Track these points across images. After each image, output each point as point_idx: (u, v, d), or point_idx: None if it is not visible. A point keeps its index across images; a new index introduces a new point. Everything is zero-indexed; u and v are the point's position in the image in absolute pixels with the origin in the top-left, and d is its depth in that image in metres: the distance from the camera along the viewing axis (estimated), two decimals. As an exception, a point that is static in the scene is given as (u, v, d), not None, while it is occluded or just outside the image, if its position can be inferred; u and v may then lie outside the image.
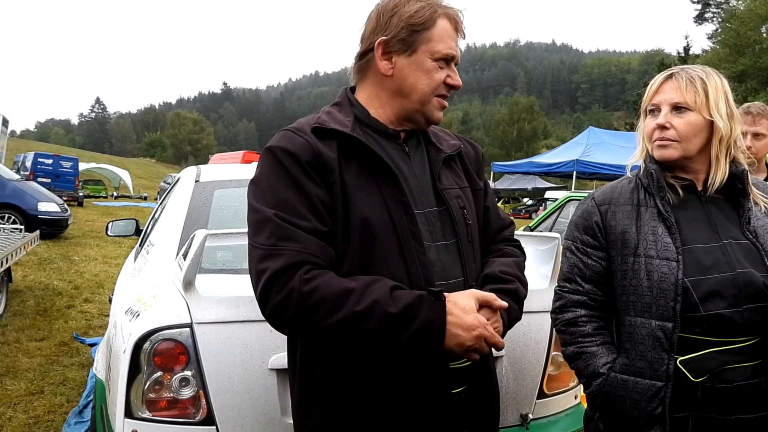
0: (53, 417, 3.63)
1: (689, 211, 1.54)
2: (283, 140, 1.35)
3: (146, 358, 1.72)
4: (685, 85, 1.51)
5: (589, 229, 1.62)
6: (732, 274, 1.45)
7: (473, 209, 1.51)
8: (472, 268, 1.44)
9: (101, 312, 6.29)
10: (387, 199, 1.33)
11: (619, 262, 1.55)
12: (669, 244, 1.48)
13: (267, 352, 1.77)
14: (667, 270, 1.46)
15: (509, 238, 1.62)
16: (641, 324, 1.49)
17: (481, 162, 1.65)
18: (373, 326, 1.20)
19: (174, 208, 2.70)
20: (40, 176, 21.61)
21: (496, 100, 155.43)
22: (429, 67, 1.38)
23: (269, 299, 1.23)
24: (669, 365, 1.45)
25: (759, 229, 1.52)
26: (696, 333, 1.46)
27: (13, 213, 11.00)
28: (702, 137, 1.52)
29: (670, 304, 1.44)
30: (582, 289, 1.61)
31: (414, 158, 1.45)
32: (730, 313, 1.43)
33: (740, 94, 28.30)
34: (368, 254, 1.30)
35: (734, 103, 1.55)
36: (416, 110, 1.41)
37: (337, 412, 1.33)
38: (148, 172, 64.44)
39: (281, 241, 1.24)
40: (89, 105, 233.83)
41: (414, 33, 1.36)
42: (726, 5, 35.89)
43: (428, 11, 1.36)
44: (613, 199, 1.61)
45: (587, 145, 17.34)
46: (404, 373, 1.31)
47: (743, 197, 1.55)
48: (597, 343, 1.56)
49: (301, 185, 1.29)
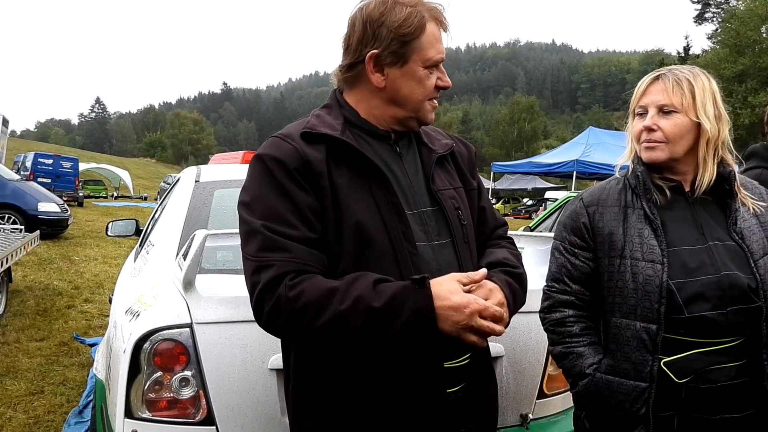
0: (53, 417, 3.63)
1: (676, 212, 1.55)
2: (271, 147, 1.35)
3: (146, 358, 1.72)
4: (672, 87, 1.51)
5: (576, 230, 1.63)
6: (717, 276, 1.46)
7: (468, 209, 1.51)
8: (469, 268, 1.43)
9: (101, 312, 6.29)
10: (378, 201, 1.33)
11: (606, 263, 1.56)
12: (654, 247, 1.49)
13: (267, 352, 1.77)
14: (652, 272, 1.47)
15: (503, 236, 1.63)
16: (626, 325, 1.50)
17: (474, 161, 1.64)
18: (359, 322, 1.20)
19: (174, 209, 2.70)
20: (40, 176, 21.62)
21: (496, 100, 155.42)
22: (421, 76, 1.36)
23: (263, 309, 1.25)
24: (653, 366, 1.47)
25: (745, 230, 1.53)
26: (681, 334, 1.47)
27: (13, 213, 11.00)
28: (689, 139, 1.52)
29: (655, 307, 1.46)
30: (570, 289, 1.62)
31: (406, 158, 1.45)
32: (714, 315, 1.44)
33: (740, 94, 28.28)
34: (362, 257, 1.30)
35: (722, 103, 1.56)
36: (409, 117, 1.41)
37: (333, 413, 1.33)
38: (148, 172, 64.44)
39: (270, 252, 1.25)
40: (89, 105, 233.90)
41: (405, 44, 1.33)
42: (726, 5, 35.88)
43: (416, 19, 1.33)
44: (601, 201, 1.62)
45: (587, 145, 17.35)
46: (399, 373, 1.31)
47: (730, 198, 1.55)
48: (584, 343, 1.58)
49: (289, 193, 1.29)
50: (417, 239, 1.35)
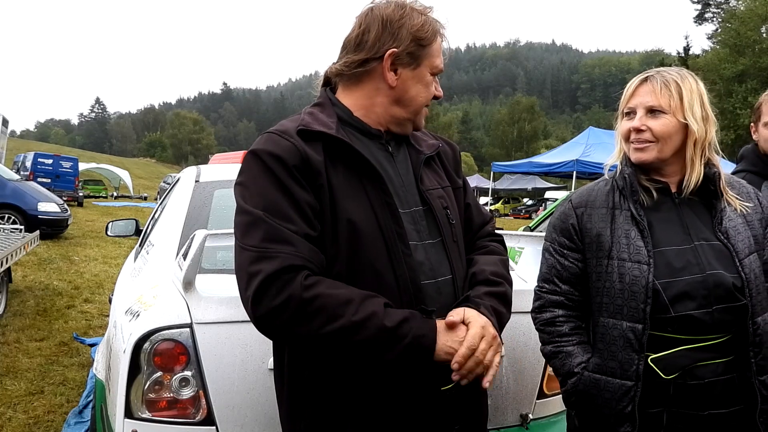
0: (53, 417, 3.63)
1: (663, 213, 1.57)
2: (268, 143, 1.33)
3: (146, 358, 1.72)
4: (660, 88, 1.54)
5: (565, 231, 1.66)
6: (702, 275, 1.48)
7: (456, 208, 1.53)
8: (459, 266, 1.46)
9: (101, 312, 6.29)
10: (373, 201, 1.34)
11: (594, 264, 1.60)
12: (641, 248, 1.52)
13: (267, 352, 1.77)
14: (638, 273, 1.50)
15: (491, 233, 1.64)
16: (613, 325, 1.53)
17: (459, 160, 1.67)
18: (368, 336, 1.21)
19: (174, 208, 2.70)
20: (40, 176, 21.60)
21: (496, 100, 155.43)
22: (428, 81, 1.43)
23: (263, 302, 1.21)
24: (639, 365, 1.49)
25: (730, 229, 1.54)
26: (668, 331, 1.49)
27: (13, 213, 10.99)
28: (677, 140, 1.54)
29: (641, 306, 1.48)
30: (559, 289, 1.65)
31: (398, 158, 1.46)
32: (699, 314, 1.46)
33: (740, 94, 28.31)
34: (356, 257, 1.31)
35: (710, 105, 1.57)
36: (408, 119, 1.45)
37: (328, 415, 1.33)
38: (148, 172, 64.45)
39: (274, 243, 1.23)
40: (89, 105, 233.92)
41: (420, 48, 1.39)
42: (726, 5, 35.91)
43: (430, 26, 1.40)
44: (589, 202, 1.65)
45: (587, 145, 17.31)
46: (392, 372, 1.31)
47: (716, 199, 1.57)
48: (573, 342, 1.61)
49: (289, 190, 1.28)
50: (410, 239, 1.36)
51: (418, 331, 1.24)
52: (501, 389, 2.00)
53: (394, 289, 1.31)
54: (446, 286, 1.40)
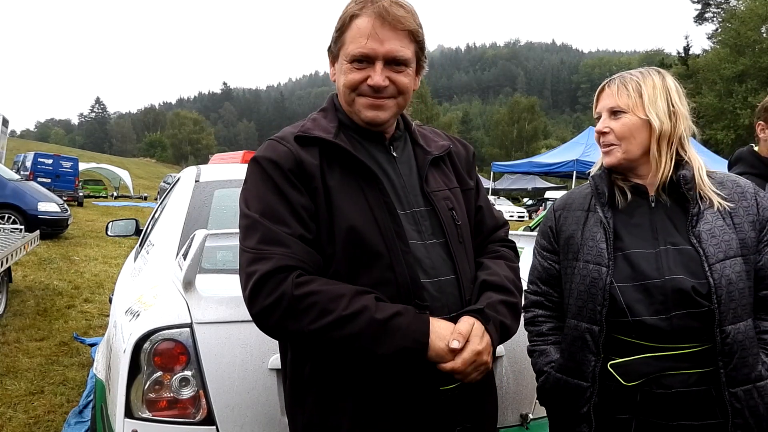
0: (53, 417, 3.63)
1: (635, 217, 1.55)
2: (267, 150, 1.39)
3: (146, 358, 1.72)
4: (617, 89, 1.55)
5: (545, 233, 1.70)
6: (660, 280, 1.45)
7: (463, 209, 1.52)
8: (465, 268, 1.44)
9: (101, 312, 6.29)
10: (371, 202, 1.35)
11: (565, 266, 1.62)
12: (603, 250, 1.52)
13: (267, 352, 1.77)
14: (597, 275, 1.51)
15: (504, 238, 1.63)
16: (574, 326, 1.56)
17: (473, 162, 1.66)
18: (359, 329, 1.22)
19: (174, 208, 2.70)
20: (40, 176, 21.61)
21: (496, 100, 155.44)
22: (345, 69, 1.39)
23: (257, 301, 1.26)
24: (595, 367, 1.51)
25: (704, 233, 1.47)
26: (633, 337, 1.48)
27: (13, 213, 11.00)
28: (642, 137, 1.53)
29: (597, 309, 1.49)
30: (540, 290, 1.70)
31: (400, 159, 1.47)
32: (654, 321, 1.44)
33: (740, 94, 28.28)
34: (354, 255, 1.33)
35: (686, 100, 1.56)
36: (350, 111, 1.44)
37: (327, 407, 1.34)
38: (148, 172, 64.48)
39: (269, 245, 1.28)
40: (89, 105, 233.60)
41: (338, 39, 1.41)
42: (726, 5, 35.89)
43: (347, 13, 1.38)
44: (567, 205, 1.68)
45: (587, 145, 17.31)
46: (391, 370, 1.31)
47: (687, 202, 1.51)
48: (548, 342, 1.66)
49: (285, 193, 1.33)
50: (410, 238, 1.37)
51: (410, 325, 1.25)
52: (501, 389, 2.00)
53: (393, 287, 1.32)
54: (449, 286, 1.39)
